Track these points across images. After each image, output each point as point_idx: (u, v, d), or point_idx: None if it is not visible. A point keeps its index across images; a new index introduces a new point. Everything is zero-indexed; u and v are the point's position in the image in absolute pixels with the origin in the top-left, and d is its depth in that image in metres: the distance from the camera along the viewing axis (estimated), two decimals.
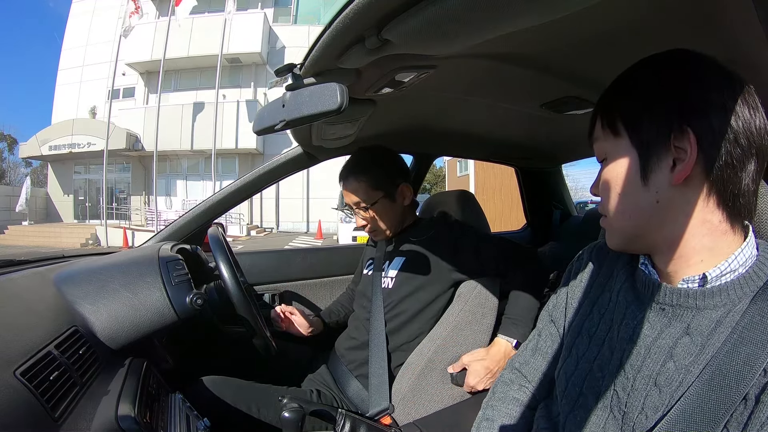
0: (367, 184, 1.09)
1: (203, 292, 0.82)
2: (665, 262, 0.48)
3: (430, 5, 0.43)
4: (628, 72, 0.50)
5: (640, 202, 0.47)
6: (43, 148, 14.54)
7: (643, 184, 0.46)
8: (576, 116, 1.00)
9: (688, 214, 0.45)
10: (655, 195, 0.46)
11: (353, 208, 1.13)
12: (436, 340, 1.04)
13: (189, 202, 13.35)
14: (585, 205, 9.28)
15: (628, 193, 0.48)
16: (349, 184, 1.11)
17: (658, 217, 0.46)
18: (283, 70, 0.62)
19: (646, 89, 0.46)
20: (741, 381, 0.39)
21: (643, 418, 0.45)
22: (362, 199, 1.09)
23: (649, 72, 0.47)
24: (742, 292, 0.43)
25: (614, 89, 0.50)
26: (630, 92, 0.48)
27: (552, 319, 0.65)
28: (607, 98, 0.51)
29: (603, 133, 0.50)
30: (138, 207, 15.34)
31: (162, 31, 13.48)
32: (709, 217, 0.45)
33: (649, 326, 0.48)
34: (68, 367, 0.59)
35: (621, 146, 0.48)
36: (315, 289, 1.52)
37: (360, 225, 1.15)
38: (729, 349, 0.41)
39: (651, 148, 0.45)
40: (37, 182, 19.70)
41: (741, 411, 0.39)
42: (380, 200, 1.10)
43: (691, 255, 0.46)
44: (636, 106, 0.47)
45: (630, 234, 0.50)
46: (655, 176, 0.45)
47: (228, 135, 13.85)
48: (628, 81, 0.49)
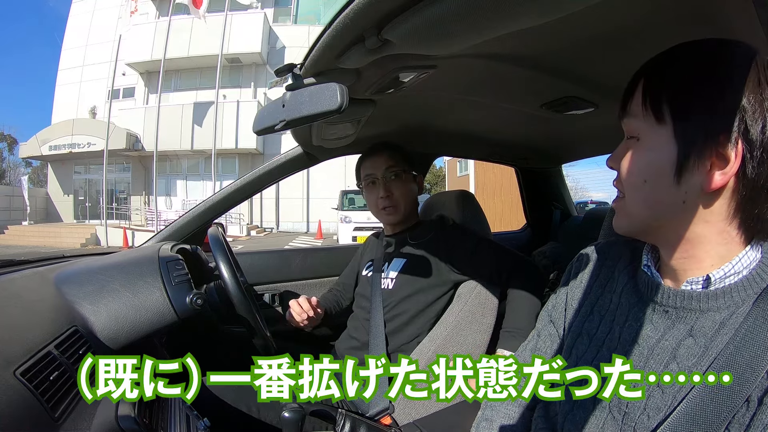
0: (398, 156, 1.16)
1: (203, 292, 0.82)
2: (674, 259, 0.47)
3: (430, 5, 0.43)
4: (681, 52, 0.44)
5: (665, 197, 0.44)
6: (43, 148, 14.53)
7: (675, 182, 0.43)
8: (576, 116, 1.00)
9: (709, 222, 0.44)
10: (683, 195, 0.43)
11: (379, 179, 1.14)
12: (436, 340, 1.04)
13: (189, 202, 13.33)
14: (585, 205, 9.28)
15: (657, 185, 0.45)
16: (382, 153, 1.16)
17: (679, 217, 0.45)
18: (283, 70, 0.62)
19: (706, 85, 0.42)
20: (744, 383, 0.39)
21: (645, 418, 0.45)
22: (393, 165, 1.14)
23: (708, 62, 0.42)
24: (746, 294, 0.43)
25: (663, 68, 0.45)
26: (683, 78, 0.43)
27: (551, 320, 0.65)
28: (654, 76, 0.46)
29: (643, 112, 0.45)
30: (138, 207, 15.33)
31: (162, 31, 13.48)
32: (728, 229, 0.44)
33: (652, 328, 0.48)
34: (68, 367, 0.59)
35: (661, 134, 0.44)
36: (315, 289, 1.52)
37: (382, 196, 1.14)
38: (732, 352, 0.41)
39: (695, 147, 0.42)
40: (38, 182, 19.71)
41: (743, 413, 0.39)
42: (408, 174, 1.17)
43: (703, 258, 0.45)
44: (692, 99, 0.42)
45: (643, 224, 0.48)
46: (690, 177, 0.42)
47: (228, 135, 13.84)
48: (681, 64, 0.44)
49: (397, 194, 1.14)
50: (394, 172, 1.14)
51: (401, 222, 1.18)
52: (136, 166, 15.55)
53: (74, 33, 16.17)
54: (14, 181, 17.82)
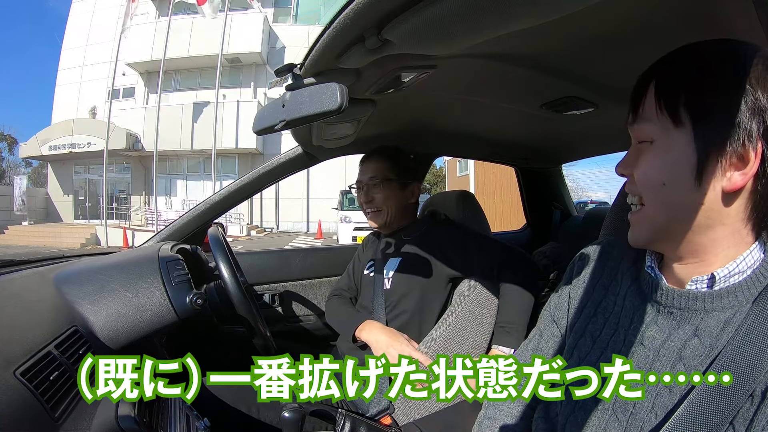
0: (386, 164, 1.17)
1: (203, 292, 0.82)
2: (682, 264, 0.47)
3: (430, 5, 0.43)
4: (694, 54, 0.44)
5: (686, 200, 0.44)
6: (43, 148, 14.53)
7: (696, 184, 0.43)
8: (576, 116, 1.00)
9: (724, 224, 0.44)
10: (702, 197, 0.43)
11: (364, 185, 1.18)
12: (436, 340, 1.04)
13: (189, 202, 13.32)
14: (585, 205, 9.28)
15: (677, 187, 0.44)
16: (370, 160, 1.19)
17: (697, 219, 0.44)
18: (283, 70, 0.62)
19: (724, 84, 0.42)
20: (746, 380, 0.39)
21: (653, 416, 0.45)
22: (377, 174, 1.16)
23: (726, 64, 0.42)
24: (750, 294, 0.43)
25: (678, 71, 0.45)
26: (702, 81, 0.43)
27: (554, 320, 0.64)
28: (668, 79, 0.45)
29: (658, 116, 0.45)
30: (138, 207, 15.33)
31: (162, 31, 13.48)
32: (740, 229, 0.44)
33: (657, 329, 0.48)
34: (68, 367, 0.59)
35: (679, 137, 0.44)
36: (315, 289, 1.52)
37: (362, 201, 1.19)
38: (733, 349, 0.41)
39: (714, 148, 0.42)
40: (37, 182, 19.69)
41: (747, 408, 0.39)
42: (393, 182, 1.16)
43: (713, 261, 0.45)
44: (711, 101, 0.42)
45: (662, 230, 0.47)
46: (710, 178, 0.42)
47: (228, 135, 13.83)
48: (698, 66, 0.44)
49: (378, 200, 1.17)
50: (375, 182, 1.17)
51: (387, 226, 1.20)
52: (136, 166, 15.55)
53: (74, 33, 16.15)
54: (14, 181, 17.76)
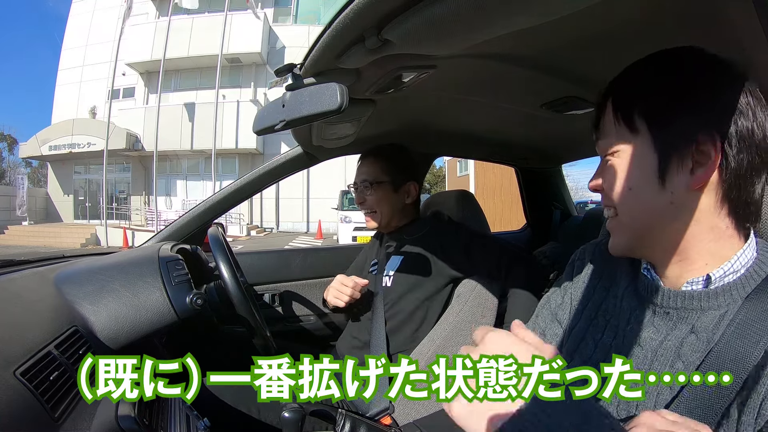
0: (379, 166, 1.17)
1: (203, 292, 0.82)
2: (668, 265, 0.48)
3: (430, 5, 0.43)
4: (645, 65, 0.47)
5: (653, 202, 0.46)
6: (43, 148, 14.53)
7: (660, 185, 0.45)
8: (576, 116, 1.00)
9: (699, 220, 0.44)
10: (670, 196, 0.45)
11: (358, 186, 1.19)
12: (436, 340, 1.04)
13: (189, 202, 13.32)
14: (585, 205, 9.27)
15: (643, 191, 0.46)
16: (364, 162, 1.20)
17: (670, 218, 0.46)
18: (283, 70, 0.62)
19: (674, 87, 0.44)
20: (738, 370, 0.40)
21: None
22: (370, 176, 1.16)
23: (674, 69, 0.44)
24: (744, 291, 0.44)
25: (631, 82, 0.47)
26: (653, 88, 0.45)
27: (557, 319, 0.64)
28: (622, 92, 0.47)
29: (616, 128, 0.47)
30: (138, 207, 15.33)
31: (162, 31, 13.48)
32: (718, 224, 0.45)
33: (654, 330, 0.48)
34: (68, 367, 0.59)
35: (638, 144, 0.45)
36: (315, 289, 1.52)
37: (357, 202, 1.21)
38: (726, 341, 0.42)
39: (674, 149, 0.43)
40: (37, 182, 19.69)
41: (743, 394, 0.40)
42: (385, 184, 1.16)
43: (696, 259, 0.46)
44: (661, 104, 0.44)
45: (639, 234, 0.49)
46: (673, 178, 0.44)
47: (228, 135, 13.84)
48: (649, 75, 0.46)
49: (370, 201, 1.17)
50: (366, 185, 1.17)
51: (384, 226, 1.20)
52: (136, 166, 15.55)
53: (74, 33, 16.16)
54: (14, 181, 17.77)
